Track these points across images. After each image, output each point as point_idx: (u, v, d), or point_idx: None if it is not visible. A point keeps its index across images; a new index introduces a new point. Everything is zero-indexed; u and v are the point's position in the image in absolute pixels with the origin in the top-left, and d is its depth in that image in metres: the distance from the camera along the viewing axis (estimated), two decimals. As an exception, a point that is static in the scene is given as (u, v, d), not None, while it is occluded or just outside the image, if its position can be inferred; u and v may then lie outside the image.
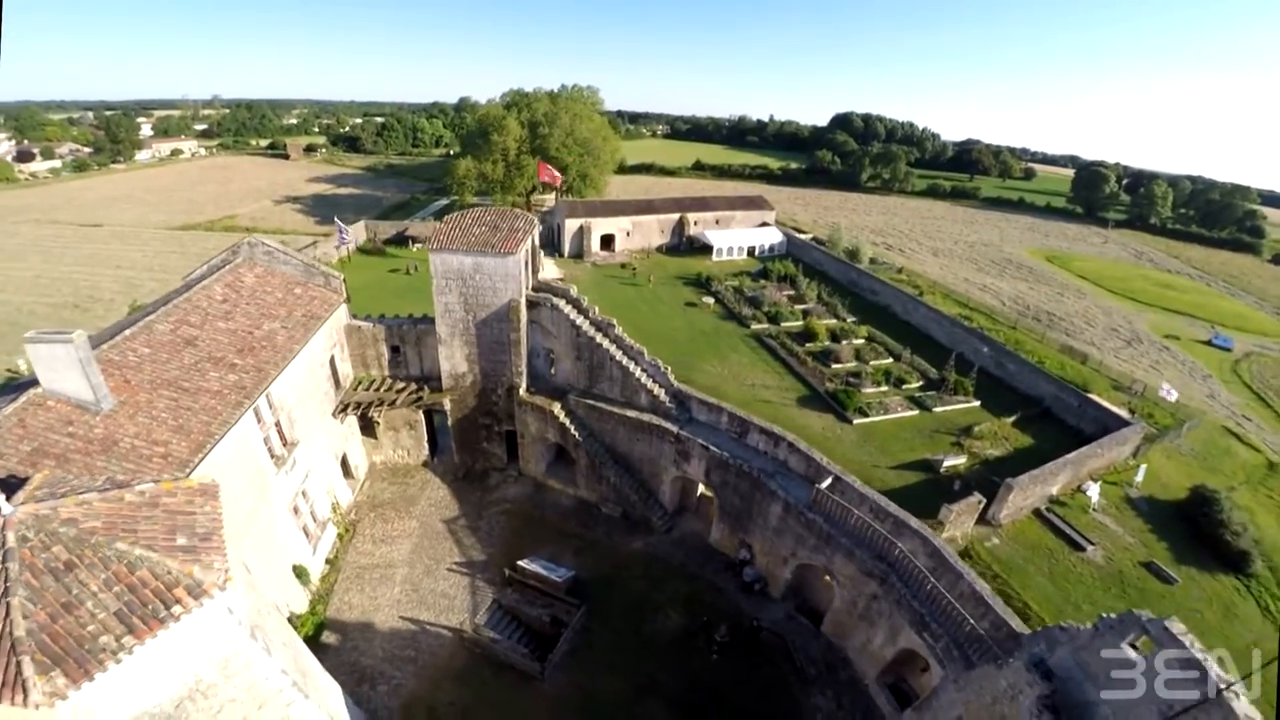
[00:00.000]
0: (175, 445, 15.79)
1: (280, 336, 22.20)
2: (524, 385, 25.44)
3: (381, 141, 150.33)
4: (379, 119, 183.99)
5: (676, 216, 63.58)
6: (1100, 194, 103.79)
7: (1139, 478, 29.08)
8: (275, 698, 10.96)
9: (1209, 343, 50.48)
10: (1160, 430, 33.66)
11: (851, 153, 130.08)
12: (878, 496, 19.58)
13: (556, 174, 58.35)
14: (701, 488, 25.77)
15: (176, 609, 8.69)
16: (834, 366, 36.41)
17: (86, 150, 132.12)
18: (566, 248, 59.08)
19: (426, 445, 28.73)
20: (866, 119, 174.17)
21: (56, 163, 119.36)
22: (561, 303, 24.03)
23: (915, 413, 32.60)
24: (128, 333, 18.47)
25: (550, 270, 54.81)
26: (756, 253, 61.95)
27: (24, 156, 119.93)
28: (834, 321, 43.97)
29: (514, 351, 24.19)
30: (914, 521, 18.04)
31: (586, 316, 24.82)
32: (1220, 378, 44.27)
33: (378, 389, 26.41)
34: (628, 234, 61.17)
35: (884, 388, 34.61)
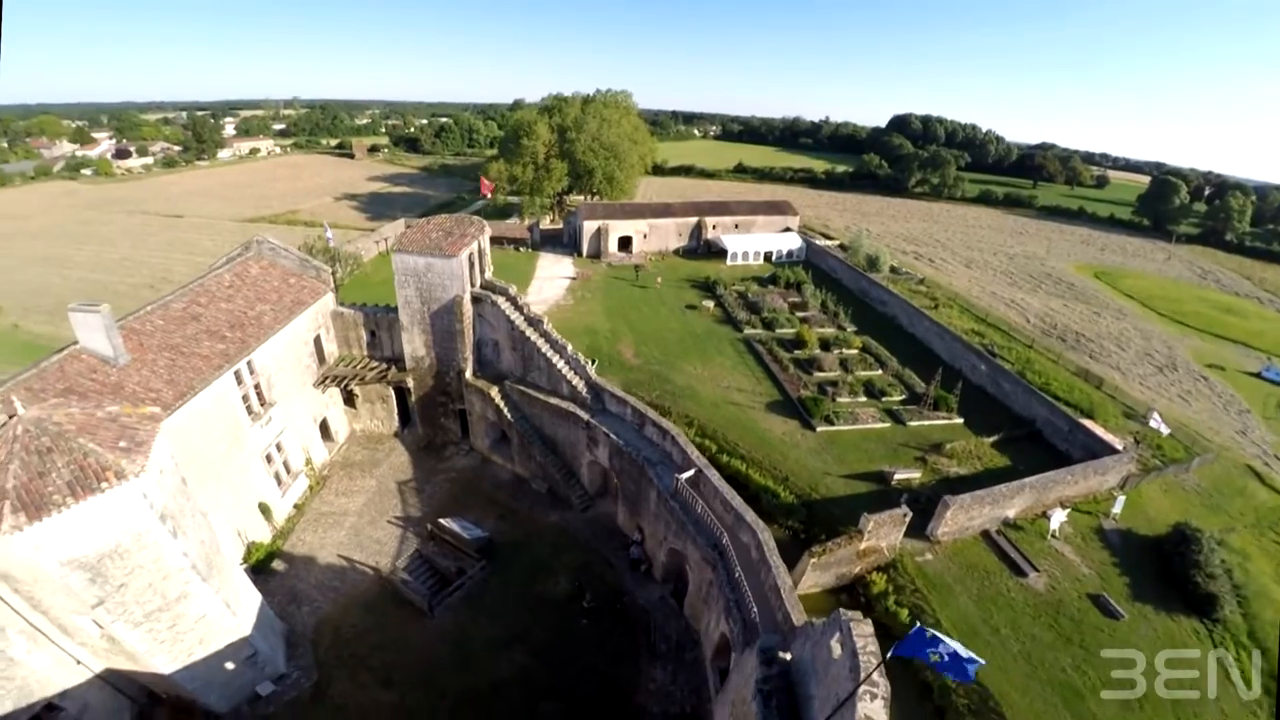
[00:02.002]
0: (164, 392, 19.93)
1: (267, 317, 25.91)
2: (469, 370, 28.02)
3: (439, 142, 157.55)
4: (442, 119, 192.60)
5: (695, 220, 64.16)
6: (1169, 205, 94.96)
7: (1116, 509, 27.60)
8: (176, 574, 14.85)
9: (1259, 375, 46.11)
10: (1164, 463, 31.65)
11: (902, 157, 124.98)
12: (727, 491, 20.71)
13: (489, 185, 68.84)
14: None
15: (104, 485, 12.75)
16: (815, 374, 36.20)
17: (176, 148, 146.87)
18: (585, 248, 60.81)
19: (397, 418, 31.76)
20: (925, 120, 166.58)
21: (149, 159, 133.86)
22: (500, 300, 26.56)
23: (887, 425, 32.05)
24: (149, 307, 22.93)
25: (566, 269, 56.88)
26: (774, 258, 61.59)
27: (122, 154, 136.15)
28: (832, 330, 43.33)
29: (460, 340, 26.86)
30: (749, 516, 19.26)
31: (521, 312, 27.29)
32: (1261, 413, 40.40)
33: (354, 366, 29.35)
34: (644, 236, 62.35)
35: (860, 398, 34.13)
